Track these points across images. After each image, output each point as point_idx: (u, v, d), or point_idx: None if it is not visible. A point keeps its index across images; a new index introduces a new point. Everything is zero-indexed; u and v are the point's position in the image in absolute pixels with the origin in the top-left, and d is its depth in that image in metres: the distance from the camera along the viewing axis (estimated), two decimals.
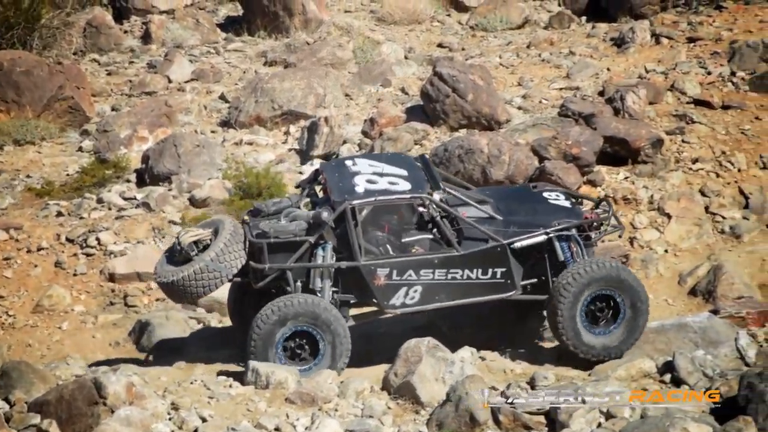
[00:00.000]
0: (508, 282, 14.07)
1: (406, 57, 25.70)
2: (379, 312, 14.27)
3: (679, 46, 24.42)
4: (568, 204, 14.89)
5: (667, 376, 12.60)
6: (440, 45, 26.85)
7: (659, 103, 22.05)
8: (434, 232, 14.10)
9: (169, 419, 12.05)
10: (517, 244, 14.06)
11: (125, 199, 20.03)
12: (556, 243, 14.19)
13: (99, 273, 18.38)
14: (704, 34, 24.75)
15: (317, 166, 16.65)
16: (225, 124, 22.84)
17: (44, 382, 12.71)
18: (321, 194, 14.61)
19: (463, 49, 26.21)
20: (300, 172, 20.60)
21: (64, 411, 11.76)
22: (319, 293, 13.71)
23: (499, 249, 13.98)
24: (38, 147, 22.42)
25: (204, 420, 12.00)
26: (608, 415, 11.24)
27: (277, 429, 11.90)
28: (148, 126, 22.23)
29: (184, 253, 14.06)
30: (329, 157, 20.93)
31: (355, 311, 14.55)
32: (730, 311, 15.26)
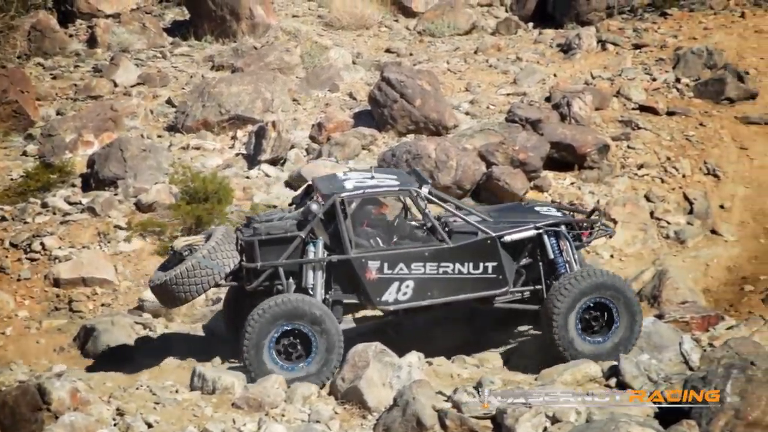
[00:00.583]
0: (500, 277, 14.09)
1: (354, 62, 25.69)
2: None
3: (625, 53, 24.63)
4: (558, 213, 14.95)
5: (613, 380, 12.68)
6: (388, 50, 26.88)
7: (605, 109, 22.23)
8: (424, 225, 14.24)
9: (114, 425, 11.96)
10: (507, 237, 14.12)
11: (70, 203, 19.87)
12: (546, 239, 14.27)
13: (43, 278, 18.20)
14: (649, 40, 24.99)
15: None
16: (172, 129, 22.70)
17: None
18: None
19: (411, 55, 26.25)
20: (247, 177, 20.54)
21: (8, 417, 11.67)
22: (311, 291, 13.73)
23: (489, 242, 14.04)
24: None
25: (149, 426, 11.93)
26: (554, 419, 11.27)
27: None
28: (94, 130, 22.05)
29: (177, 257, 14.08)
30: (277, 161, 20.89)
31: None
32: (675, 316, 15.35)
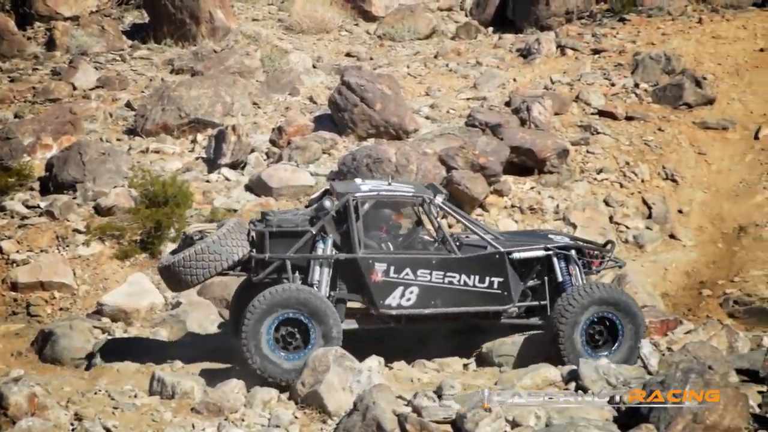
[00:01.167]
0: (505, 294, 14.17)
1: (314, 66, 25.68)
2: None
3: (584, 58, 24.75)
4: (570, 241, 15.02)
5: (572, 385, 12.73)
6: (348, 54, 26.89)
7: (564, 114, 22.32)
8: (436, 237, 14.33)
9: (72, 430, 11.90)
10: (516, 255, 14.23)
11: (28, 207, 19.73)
12: (555, 261, 14.36)
13: (1, 282, 18.07)
14: (608, 45, 25.12)
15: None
16: (131, 132, 22.59)
17: None
18: None
19: (371, 59, 26.27)
20: (207, 181, 20.49)
21: None
22: (316, 287, 13.76)
23: (498, 257, 14.14)
24: None
25: (108, 431, 11.87)
26: (514, 424, 11.29)
27: None
28: (52, 133, 21.92)
29: (188, 241, 14.17)
30: (237, 165, 20.85)
31: None
32: None
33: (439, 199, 14.29)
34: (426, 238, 14.56)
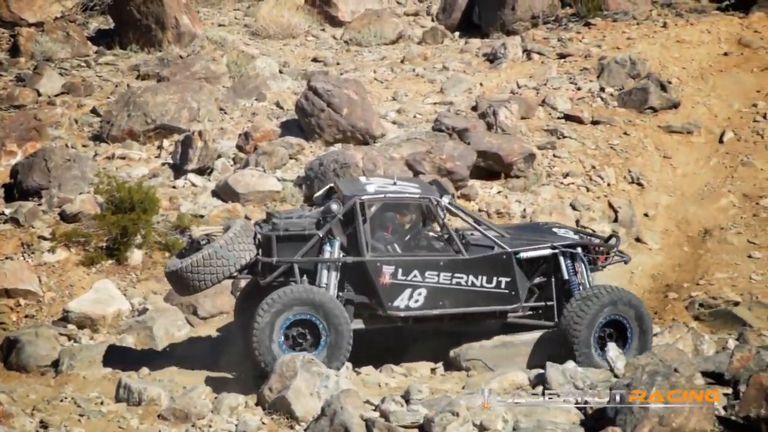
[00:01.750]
0: (512, 294, 14.22)
1: (281, 71, 25.63)
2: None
3: (550, 62, 24.83)
4: (575, 236, 15.06)
5: (539, 388, 12.76)
6: (315, 59, 26.85)
7: (531, 118, 22.39)
8: (442, 236, 14.35)
9: None
10: (523, 254, 14.29)
11: None
12: (561, 259, 14.41)
13: None
14: (574, 50, 25.22)
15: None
16: (97, 139, 22.48)
17: None
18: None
19: (338, 64, 26.25)
20: (173, 187, 20.41)
21: None
22: (324, 289, 13.75)
23: (505, 257, 14.19)
24: None
25: None
26: (481, 427, 11.32)
27: None
28: (17, 140, 21.79)
29: (195, 245, 14.09)
30: (203, 171, 20.78)
31: None
32: None
33: (445, 200, 14.34)
34: (433, 235, 14.60)
